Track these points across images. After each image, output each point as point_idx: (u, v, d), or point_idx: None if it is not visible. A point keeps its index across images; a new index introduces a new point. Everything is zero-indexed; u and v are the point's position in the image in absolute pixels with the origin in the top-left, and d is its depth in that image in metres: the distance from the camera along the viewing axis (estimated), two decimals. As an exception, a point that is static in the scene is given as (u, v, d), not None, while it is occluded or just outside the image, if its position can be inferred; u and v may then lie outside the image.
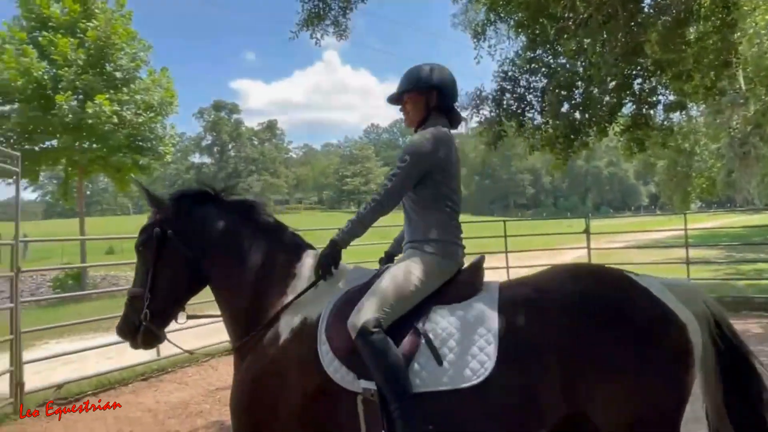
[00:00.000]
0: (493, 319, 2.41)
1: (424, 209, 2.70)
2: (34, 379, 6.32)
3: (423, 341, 2.42)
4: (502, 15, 11.21)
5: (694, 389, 2.36)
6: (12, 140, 17.25)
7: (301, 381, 2.48)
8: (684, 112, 13.60)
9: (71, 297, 14.84)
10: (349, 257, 2.78)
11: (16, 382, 5.83)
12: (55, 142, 17.99)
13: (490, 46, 11.96)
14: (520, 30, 11.15)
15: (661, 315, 2.31)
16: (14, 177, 6.40)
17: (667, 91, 11.20)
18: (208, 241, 2.82)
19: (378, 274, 2.69)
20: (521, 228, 21.52)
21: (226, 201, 2.93)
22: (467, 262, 2.77)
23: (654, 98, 11.17)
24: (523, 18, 10.66)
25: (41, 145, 17.99)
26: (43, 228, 46.78)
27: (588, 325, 2.30)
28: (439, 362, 2.37)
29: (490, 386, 2.30)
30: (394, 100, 2.92)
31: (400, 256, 2.79)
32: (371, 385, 2.36)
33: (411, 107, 2.86)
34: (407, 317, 2.52)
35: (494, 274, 7.62)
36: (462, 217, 2.84)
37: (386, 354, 2.34)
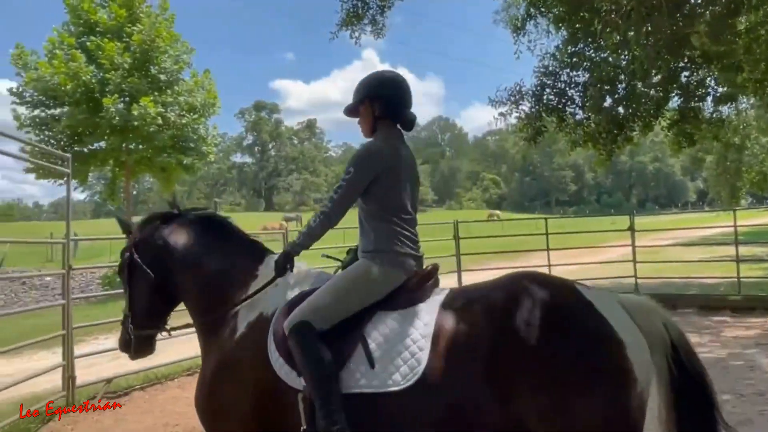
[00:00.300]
0: (430, 324, 2.43)
1: (374, 219, 2.74)
2: (85, 373, 6.52)
3: (360, 344, 2.47)
4: (542, 9, 11.05)
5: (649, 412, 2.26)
6: (62, 142, 17.81)
7: (254, 375, 2.58)
8: (733, 105, 13.17)
9: (119, 294, 15.22)
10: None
11: (68, 376, 6.00)
12: (103, 144, 18.49)
13: (530, 41, 11.83)
14: (560, 24, 10.99)
15: (598, 330, 2.21)
16: (65, 178, 6.57)
17: (716, 84, 10.88)
18: (172, 258, 3.00)
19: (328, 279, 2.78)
20: (563, 225, 21.19)
21: (188, 218, 3.11)
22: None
23: (702, 91, 10.86)
24: (564, 12, 10.50)
25: (90, 147, 18.50)
26: (91, 227, 48.18)
27: (521, 333, 2.24)
28: (372, 365, 2.40)
29: (421, 390, 2.30)
30: (350, 112, 2.97)
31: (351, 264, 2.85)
32: None
33: (362, 118, 2.92)
34: (351, 322, 2.56)
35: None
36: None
37: (312, 355, 2.40)
